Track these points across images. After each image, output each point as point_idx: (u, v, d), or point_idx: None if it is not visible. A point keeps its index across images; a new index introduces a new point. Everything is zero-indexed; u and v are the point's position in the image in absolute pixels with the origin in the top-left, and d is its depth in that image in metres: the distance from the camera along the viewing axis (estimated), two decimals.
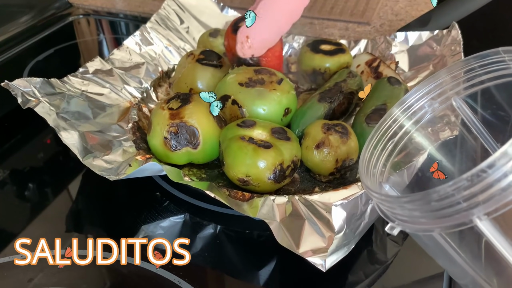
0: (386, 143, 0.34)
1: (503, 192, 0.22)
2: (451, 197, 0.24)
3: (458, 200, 0.24)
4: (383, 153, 0.33)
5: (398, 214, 0.27)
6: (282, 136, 0.41)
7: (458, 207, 0.24)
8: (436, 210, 0.25)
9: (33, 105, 0.42)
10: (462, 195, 0.23)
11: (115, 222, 0.41)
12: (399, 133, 0.34)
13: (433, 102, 0.34)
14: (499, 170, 0.22)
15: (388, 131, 0.34)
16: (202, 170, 0.44)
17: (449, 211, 0.24)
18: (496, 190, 0.23)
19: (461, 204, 0.24)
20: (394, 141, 0.34)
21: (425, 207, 0.25)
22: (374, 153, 0.33)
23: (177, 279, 0.35)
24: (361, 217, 0.36)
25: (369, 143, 0.33)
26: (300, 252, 0.33)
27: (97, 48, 0.75)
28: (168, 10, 0.64)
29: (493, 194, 0.23)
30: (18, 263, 0.36)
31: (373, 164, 0.32)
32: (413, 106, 0.34)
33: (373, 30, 0.71)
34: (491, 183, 0.22)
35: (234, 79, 0.46)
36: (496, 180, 0.22)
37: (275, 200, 0.37)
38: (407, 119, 0.34)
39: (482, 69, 0.31)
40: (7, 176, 0.47)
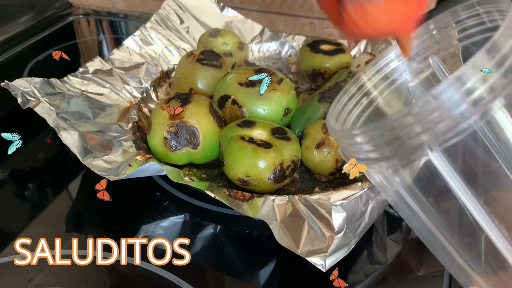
0: (360, 99, 0.33)
1: (453, 121, 0.22)
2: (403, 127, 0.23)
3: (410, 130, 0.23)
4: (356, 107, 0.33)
5: (354, 151, 0.26)
6: (282, 136, 0.41)
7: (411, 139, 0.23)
8: (389, 141, 0.24)
9: (33, 105, 0.42)
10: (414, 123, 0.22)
11: (115, 222, 0.41)
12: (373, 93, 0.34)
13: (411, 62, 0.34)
14: (449, 98, 0.22)
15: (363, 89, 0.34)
16: (202, 170, 0.44)
17: (401, 142, 0.23)
18: (448, 121, 0.22)
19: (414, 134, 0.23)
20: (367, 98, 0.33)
21: (378, 140, 0.25)
22: (348, 104, 0.32)
23: (177, 279, 0.35)
24: (361, 217, 0.36)
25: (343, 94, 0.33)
26: (300, 252, 0.33)
27: (97, 48, 0.75)
28: (168, 10, 0.64)
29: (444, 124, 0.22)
30: (18, 263, 0.36)
31: (346, 113, 0.32)
32: (388, 65, 0.34)
33: None
34: (442, 112, 0.22)
35: (234, 79, 0.46)
36: (447, 109, 0.22)
37: (275, 200, 0.37)
38: (382, 79, 0.34)
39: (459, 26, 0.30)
40: (7, 176, 0.47)
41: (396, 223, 0.41)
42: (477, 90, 0.22)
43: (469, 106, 0.22)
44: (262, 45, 0.64)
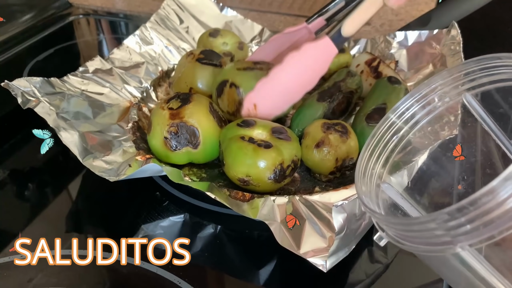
0: (384, 147, 0.34)
1: (485, 226, 0.23)
2: (431, 230, 0.24)
3: (439, 233, 0.24)
4: (381, 156, 0.34)
5: (387, 230, 0.28)
6: (282, 136, 0.41)
7: (439, 239, 0.24)
8: (419, 238, 0.25)
9: (33, 105, 0.42)
10: (444, 228, 0.24)
11: (115, 222, 0.41)
12: (396, 137, 0.34)
13: (441, 97, 0.34)
14: (482, 206, 0.22)
15: (385, 136, 0.34)
16: (202, 169, 0.44)
17: (430, 241, 0.25)
18: (479, 224, 0.23)
19: (443, 236, 0.24)
20: (391, 144, 0.34)
21: (408, 233, 0.26)
22: (371, 158, 0.33)
23: (177, 279, 0.35)
24: (362, 218, 0.36)
25: (365, 150, 0.33)
26: (301, 252, 0.33)
27: (97, 48, 0.75)
28: (167, 10, 0.64)
29: (476, 227, 0.23)
30: (18, 263, 0.36)
31: (370, 168, 0.33)
32: (411, 108, 0.35)
33: (373, 30, 0.71)
34: (474, 217, 0.23)
35: (233, 67, 0.47)
36: (480, 214, 0.23)
37: (276, 201, 0.37)
38: (403, 122, 0.34)
39: (483, 72, 0.31)
40: (7, 176, 0.47)
41: None
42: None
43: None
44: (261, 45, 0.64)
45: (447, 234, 0.24)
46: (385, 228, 0.28)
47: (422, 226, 0.25)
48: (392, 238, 0.27)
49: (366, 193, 0.31)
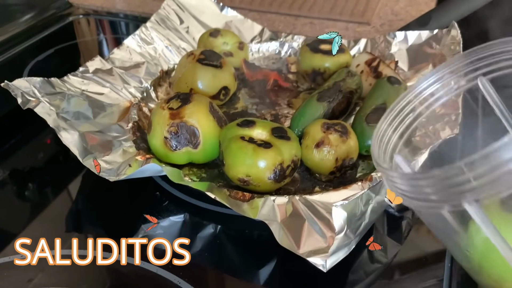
0: (402, 120, 0.34)
1: (494, 182, 0.23)
2: (441, 182, 0.25)
3: (449, 185, 0.24)
4: (398, 129, 0.34)
5: (398, 189, 0.28)
6: (282, 135, 0.41)
7: (449, 191, 0.25)
8: (427, 194, 0.26)
9: (33, 105, 0.42)
10: (454, 181, 0.24)
11: (115, 222, 0.41)
12: (413, 114, 0.35)
13: (458, 80, 0.34)
14: (490, 162, 0.23)
15: (405, 109, 0.34)
16: (202, 169, 0.44)
17: (437, 198, 0.25)
18: (487, 180, 0.23)
19: (452, 188, 0.24)
20: (410, 118, 0.34)
21: (417, 188, 0.26)
22: (388, 129, 0.33)
23: (177, 279, 0.35)
24: (362, 217, 0.36)
25: (384, 119, 0.34)
26: (300, 252, 0.33)
27: (97, 48, 0.75)
28: (168, 10, 0.64)
29: (484, 183, 0.23)
30: (18, 263, 0.36)
31: (387, 138, 0.33)
32: (428, 88, 0.35)
33: (373, 30, 0.71)
34: (482, 173, 0.23)
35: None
36: (487, 170, 0.23)
37: (276, 201, 0.37)
38: (420, 102, 0.35)
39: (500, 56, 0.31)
40: (7, 176, 0.47)
41: (396, 222, 0.41)
42: None
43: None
44: (261, 45, 0.64)
45: (454, 189, 0.24)
46: (394, 186, 0.29)
47: (431, 180, 0.25)
48: (402, 196, 0.28)
49: (381, 157, 0.31)
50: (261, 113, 0.53)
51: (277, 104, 0.54)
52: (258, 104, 0.54)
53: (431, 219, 0.31)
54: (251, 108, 0.54)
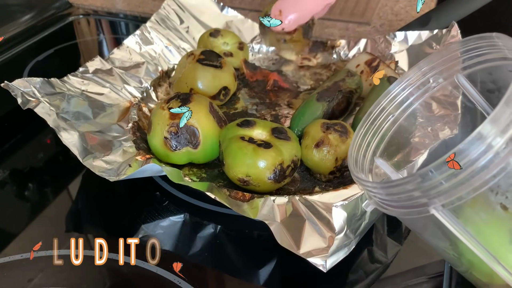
0: (376, 131, 0.35)
1: (455, 187, 0.24)
2: (408, 192, 0.26)
3: (415, 195, 0.26)
4: (376, 136, 0.34)
5: (375, 197, 0.29)
6: (282, 135, 0.41)
7: (415, 201, 0.26)
8: (398, 201, 0.27)
9: (33, 105, 0.42)
10: (418, 189, 0.25)
11: (115, 222, 0.41)
12: (388, 121, 0.35)
13: (435, 78, 0.34)
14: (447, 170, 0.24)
15: (377, 120, 0.35)
16: (202, 169, 0.44)
17: (408, 204, 0.26)
18: (451, 185, 0.24)
19: (419, 198, 0.26)
20: (383, 129, 0.35)
21: (389, 197, 0.27)
22: (365, 138, 0.34)
23: (177, 279, 0.35)
24: (362, 218, 0.36)
25: (359, 129, 0.34)
26: (300, 252, 0.33)
27: (97, 48, 0.75)
28: (168, 9, 0.64)
29: (447, 188, 0.24)
30: (18, 263, 0.36)
31: (364, 146, 0.34)
32: (404, 91, 0.35)
33: (373, 30, 0.71)
34: (444, 178, 0.24)
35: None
36: (450, 175, 0.24)
37: (276, 201, 0.37)
38: (395, 106, 0.35)
39: (472, 53, 0.31)
40: (7, 176, 0.47)
41: (396, 222, 0.41)
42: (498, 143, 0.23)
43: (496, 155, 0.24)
44: (262, 45, 0.64)
45: (422, 195, 0.25)
46: (371, 195, 0.30)
47: (400, 188, 0.26)
48: (377, 204, 0.29)
49: (358, 167, 0.32)
50: (261, 113, 0.53)
51: (277, 104, 0.54)
52: (258, 105, 0.54)
53: (416, 227, 0.32)
54: (251, 108, 0.54)
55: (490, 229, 0.28)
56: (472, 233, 0.26)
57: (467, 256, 0.29)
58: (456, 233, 0.26)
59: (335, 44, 0.63)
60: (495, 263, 0.26)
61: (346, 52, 0.63)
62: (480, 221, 0.28)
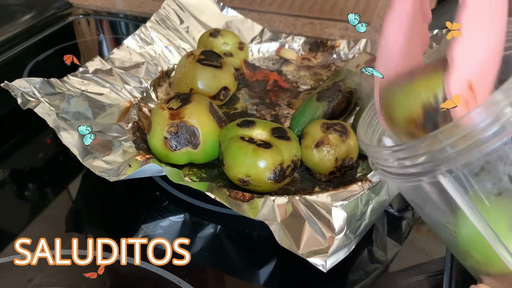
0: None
1: (463, 153, 0.24)
2: (415, 157, 0.26)
3: (423, 158, 0.25)
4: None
5: (380, 165, 0.29)
6: (281, 135, 0.41)
7: (423, 165, 0.26)
8: (404, 167, 0.27)
9: (33, 105, 0.42)
10: (427, 153, 0.25)
11: (115, 222, 0.41)
12: None
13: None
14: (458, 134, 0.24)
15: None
16: (202, 169, 0.44)
17: (413, 170, 0.26)
18: (460, 150, 0.24)
19: (426, 162, 0.25)
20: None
21: (396, 162, 0.27)
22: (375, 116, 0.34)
23: (177, 279, 0.35)
24: (362, 218, 0.36)
25: (370, 108, 0.34)
26: (300, 253, 0.33)
27: (97, 48, 0.75)
28: (168, 9, 0.64)
29: (456, 153, 0.24)
30: (18, 263, 0.36)
31: (375, 122, 0.33)
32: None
33: (373, 30, 0.71)
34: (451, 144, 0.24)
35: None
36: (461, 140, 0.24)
37: (276, 201, 0.37)
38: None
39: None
40: (7, 176, 0.47)
41: (396, 222, 0.41)
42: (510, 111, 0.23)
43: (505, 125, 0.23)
44: (262, 46, 0.64)
45: (429, 160, 0.25)
46: (378, 163, 0.29)
47: (408, 151, 0.26)
48: (382, 173, 0.29)
49: (368, 138, 0.32)
50: (261, 114, 0.53)
51: (277, 104, 0.54)
52: (258, 105, 0.54)
53: (418, 199, 0.31)
54: (251, 108, 0.54)
55: (495, 203, 0.27)
56: (476, 206, 0.26)
57: (467, 230, 0.28)
58: (459, 203, 0.26)
59: (335, 44, 0.63)
60: (496, 239, 0.26)
61: (346, 52, 0.63)
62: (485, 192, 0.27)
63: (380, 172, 0.30)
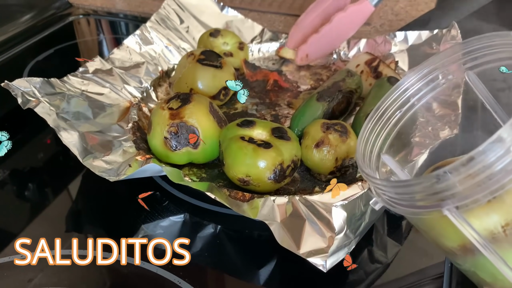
0: (387, 121, 0.35)
1: (471, 189, 0.24)
2: (421, 192, 0.26)
3: (429, 194, 0.25)
4: (383, 130, 0.34)
5: (384, 195, 0.29)
6: (282, 136, 0.41)
7: (428, 201, 0.26)
8: (409, 200, 0.27)
9: (33, 105, 0.42)
10: (432, 190, 0.25)
11: (115, 222, 0.41)
12: (400, 112, 0.35)
13: (445, 75, 0.34)
14: (468, 170, 0.24)
15: (389, 110, 0.35)
16: (202, 169, 0.44)
17: (419, 204, 0.26)
18: (468, 187, 0.24)
19: (432, 198, 0.25)
20: (394, 119, 0.35)
21: (399, 195, 0.27)
22: (373, 131, 0.34)
23: (177, 279, 0.35)
24: (362, 218, 0.36)
25: (368, 122, 0.34)
26: (300, 253, 0.33)
27: (97, 48, 0.75)
28: (168, 9, 0.64)
29: (464, 190, 0.24)
30: (18, 263, 0.36)
31: (372, 140, 0.33)
32: (415, 85, 0.35)
33: (373, 30, 0.71)
34: (460, 180, 0.24)
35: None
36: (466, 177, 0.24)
37: (276, 201, 0.37)
38: (403, 102, 0.35)
39: (484, 51, 0.31)
40: (7, 176, 0.47)
41: (397, 222, 0.41)
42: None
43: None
44: (262, 46, 0.64)
45: (436, 196, 0.25)
46: (379, 192, 0.29)
47: (414, 188, 0.26)
48: (386, 202, 0.29)
49: (366, 163, 0.32)
50: (261, 114, 0.53)
51: (277, 104, 0.54)
52: (258, 105, 0.54)
53: (423, 226, 0.32)
54: (251, 108, 0.54)
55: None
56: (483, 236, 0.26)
57: (475, 257, 0.29)
58: (468, 236, 0.26)
59: None
60: (504, 266, 0.26)
61: (346, 52, 0.63)
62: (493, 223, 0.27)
63: (384, 201, 0.30)
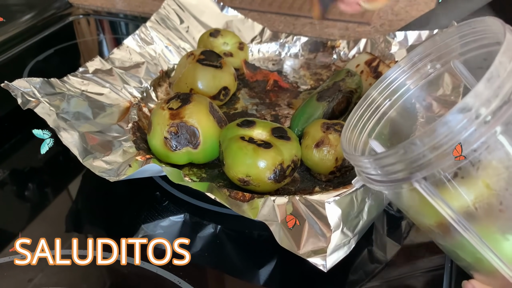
0: (372, 114, 0.36)
1: (437, 159, 0.25)
2: (391, 165, 0.26)
3: (398, 167, 0.26)
4: (372, 119, 0.36)
5: (361, 171, 0.30)
6: (282, 136, 0.41)
7: (398, 174, 0.26)
8: (383, 175, 0.28)
9: (33, 105, 0.42)
10: (402, 161, 0.26)
11: (115, 222, 0.41)
12: (389, 100, 0.36)
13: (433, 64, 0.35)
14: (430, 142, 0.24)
15: (374, 103, 0.36)
16: (202, 169, 0.44)
17: (391, 178, 0.27)
18: (433, 157, 0.25)
19: (402, 170, 0.26)
20: (379, 112, 0.36)
21: (375, 170, 0.28)
22: (360, 120, 0.35)
23: (177, 279, 0.35)
24: (359, 215, 0.36)
25: (356, 110, 0.35)
26: (301, 253, 0.33)
27: (97, 48, 0.75)
28: (168, 9, 0.64)
29: (430, 161, 0.25)
30: (18, 263, 0.36)
31: (360, 125, 0.35)
32: (398, 78, 0.36)
33: (373, 30, 0.71)
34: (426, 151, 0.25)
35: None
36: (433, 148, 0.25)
37: (276, 201, 0.37)
38: (392, 91, 0.36)
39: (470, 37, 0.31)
40: (7, 176, 0.47)
41: (396, 222, 0.41)
42: (482, 115, 0.24)
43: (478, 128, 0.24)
44: (262, 46, 0.64)
45: (405, 168, 0.26)
46: (359, 170, 0.30)
47: (385, 160, 0.27)
48: (365, 180, 0.30)
49: (351, 146, 0.33)
50: (261, 114, 0.53)
51: (277, 104, 0.54)
52: (258, 105, 0.54)
53: (401, 204, 0.32)
54: (251, 108, 0.54)
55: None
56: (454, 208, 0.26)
57: (451, 234, 0.29)
58: (438, 208, 0.26)
59: (335, 44, 0.63)
60: (478, 240, 0.26)
61: (346, 52, 0.63)
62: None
63: (364, 179, 0.30)
